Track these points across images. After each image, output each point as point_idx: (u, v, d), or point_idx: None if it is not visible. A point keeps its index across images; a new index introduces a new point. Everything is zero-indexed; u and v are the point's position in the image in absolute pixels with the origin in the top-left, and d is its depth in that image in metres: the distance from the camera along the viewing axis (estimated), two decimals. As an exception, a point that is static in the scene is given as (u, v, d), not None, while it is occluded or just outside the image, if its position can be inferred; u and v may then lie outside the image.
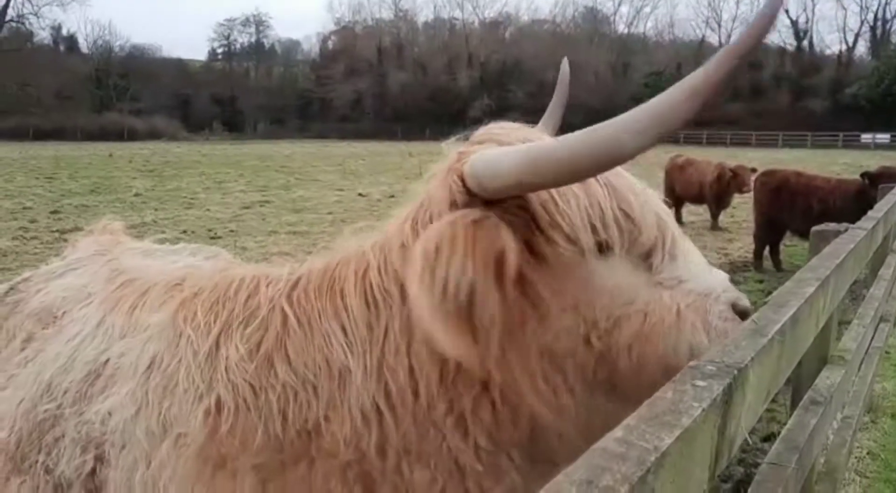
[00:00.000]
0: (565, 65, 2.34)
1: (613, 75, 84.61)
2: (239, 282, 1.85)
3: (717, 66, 1.12)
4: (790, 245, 12.51)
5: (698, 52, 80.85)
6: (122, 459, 1.77)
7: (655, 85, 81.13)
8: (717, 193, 15.45)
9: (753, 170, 14.27)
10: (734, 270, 11.74)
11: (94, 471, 1.84)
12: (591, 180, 1.44)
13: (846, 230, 3.09)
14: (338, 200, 19.97)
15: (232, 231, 14.28)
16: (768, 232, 11.67)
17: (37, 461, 1.97)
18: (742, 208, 16.60)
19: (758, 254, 11.82)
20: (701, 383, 1.01)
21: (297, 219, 16.19)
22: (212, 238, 13.02)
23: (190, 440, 1.62)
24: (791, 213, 11.20)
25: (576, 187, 1.43)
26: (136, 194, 20.56)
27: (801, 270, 2.04)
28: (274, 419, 1.57)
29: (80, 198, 19.31)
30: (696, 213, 16.93)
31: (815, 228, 3.39)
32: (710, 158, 17.77)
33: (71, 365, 1.99)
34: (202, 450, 1.61)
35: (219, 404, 1.62)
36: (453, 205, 1.43)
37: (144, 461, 1.71)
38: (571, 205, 1.42)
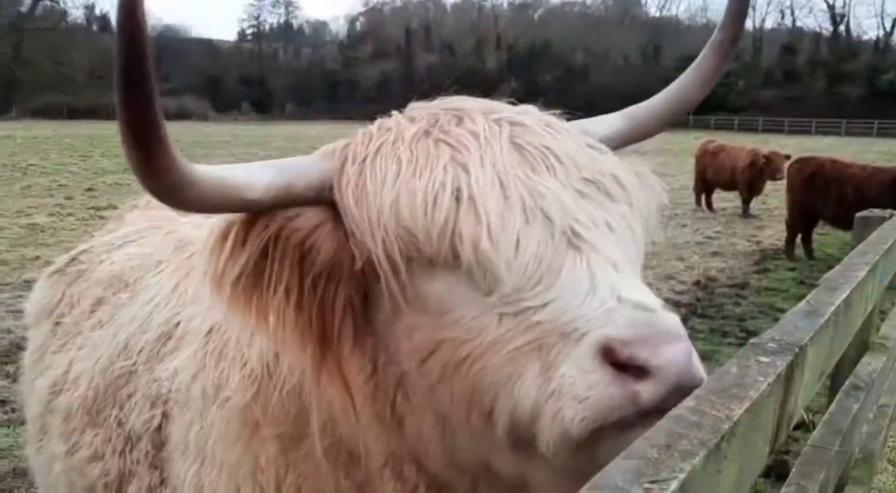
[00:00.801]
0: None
1: (644, 59, 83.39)
2: None
3: None
4: (822, 233, 12.37)
5: (731, 36, 79.28)
6: (182, 416, 1.85)
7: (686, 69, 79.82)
8: (750, 179, 15.27)
9: (787, 156, 14.09)
10: (765, 258, 11.65)
11: (160, 426, 1.93)
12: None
13: (891, 216, 3.07)
14: (366, 181, 20.04)
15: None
16: (801, 220, 11.55)
17: (111, 415, 2.09)
18: (774, 196, 16.42)
19: (790, 242, 11.70)
20: (764, 358, 1.03)
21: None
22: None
23: (233, 403, 1.68)
24: (825, 200, 11.06)
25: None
26: (168, 173, 20.80)
27: (850, 255, 2.04)
28: (283, 391, 1.59)
29: (114, 176, 19.60)
30: (727, 199, 16.77)
31: (859, 215, 3.37)
32: (743, 144, 17.55)
33: (147, 326, 2.11)
34: (242, 414, 1.66)
35: (252, 374, 1.66)
36: None
37: (199, 420, 1.78)
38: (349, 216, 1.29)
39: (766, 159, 14.77)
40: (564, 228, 1.16)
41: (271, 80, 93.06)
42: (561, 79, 78.80)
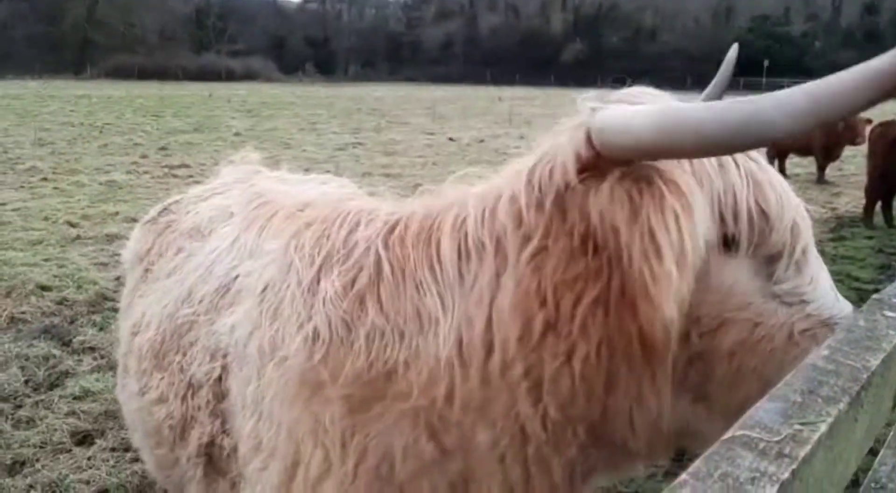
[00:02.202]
0: (733, 51, 2.10)
1: (714, 21, 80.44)
2: (343, 217, 1.90)
3: None
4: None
5: (810, -5, 75.70)
6: (240, 372, 1.90)
7: (760, 30, 76.86)
8: (826, 144, 14.66)
9: (868, 121, 13.43)
10: (841, 225, 11.26)
11: (220, 378, 1.99)
12: (731, 166, 1.32)
13: None
14: (428, 143, 20.07)
15: (328, 171, 14.59)
16: (882, 186, 11.07)
17: (174, 361, 2.16)
18: (850, 161, 15.77)
19: (869, 209, 11.25)
20: (890, 313, 1.01)
21: (389, 161, 16.41)
22: (310, 178, 13.35)
23: (292, 363, 1.71)
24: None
25: (710, 169, 1.31)
26: (236, 134, 21.24)
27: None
28: (360, 355, 1.60)
29: (185, 136, 20.12)
30: (801, 165, 16.19)
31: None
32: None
33: (208, 276, 2.16)
34: (301, 374, 1.68)
35: (315, 334, 1.68)
36: (579, 160, 1.33)
37: (256, 377, 1.82)
38: (704, 185, 1.30)
39: (846, 123, 14.13)
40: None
41: (335, 42, 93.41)
42: (628, 40, 76.70)
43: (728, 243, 1.31)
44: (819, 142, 14.72)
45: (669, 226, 1.20)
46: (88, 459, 4.10)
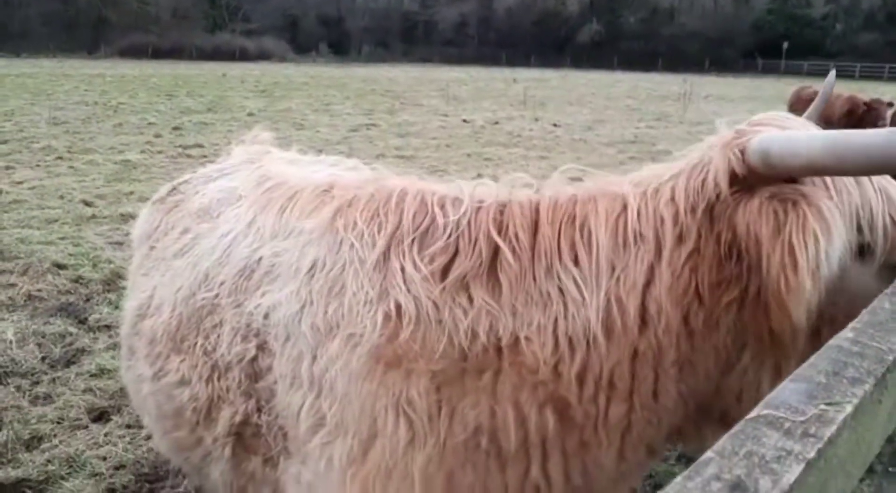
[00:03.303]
0: (832, 76, 2.45)
1: (734, 2, 79.39)
2: (399, 195, 1.93)
3: None
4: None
5: (830, -24, 74.43)
6: (287, 350, 1.92)
7: (780, 12, 75.81)
8: (848, 128, 14.46)
9: (890, 104, 13.27)
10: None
11: (255, 358, 2.01)
12: (866, 182, 1.48)
13: None
14: (442, 125, 19.99)
15: (341, 153, 14.59)
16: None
17: (196, 343, 2.18)
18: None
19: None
20: (916, 296, 1.00)
21: (402, 143, 16.36)
22: (323, 158, 13.36)
23: (363, 339, 1.75)
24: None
25: (850, 185, 1.46)
26: (250, 114, 21.23)
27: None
28: (460, 333, 1.68)
29: (199, 116, 20.13)
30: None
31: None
32: (840, 91, 16.62)
33: (226, 259, 2.17)
34: (376, 350, 1.73)
35: (399, 312, 1.73)
36: (732, 176, 1.49)
37: (310, 354, 1.86)
38: (844, 199, 1.45)
39: (868, 107, 13.92)
40: None
41: (349, 21, 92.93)
42: (646, 21, 75.89)
43: (863, 252, 1.47)
44: (840, 126, 14.53)
45: (809, 244, 1.36)
46: (105, 435, 4.16)
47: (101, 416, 4.40)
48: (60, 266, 6.91)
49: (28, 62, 48.60)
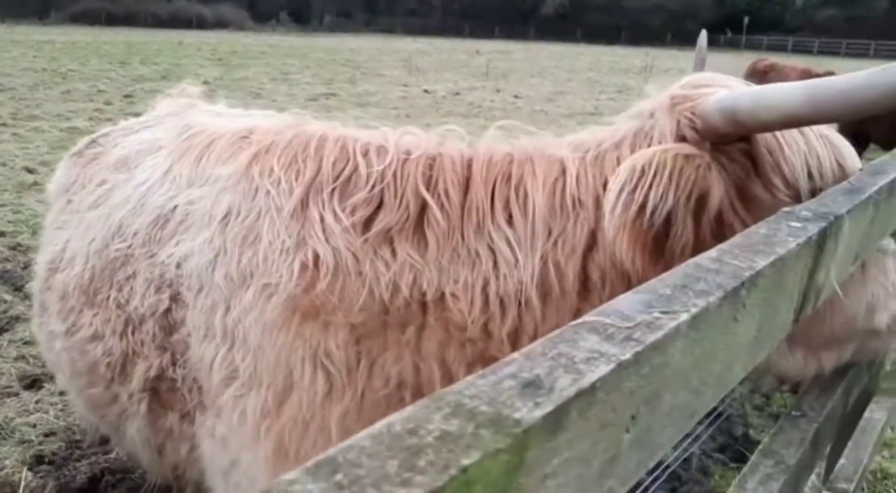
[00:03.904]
0: (703, 38, 2.51)
1: (697, -25, 79.59)
2: (319, 141, 1.86)
3: None
4: (870, 159, 11.89)
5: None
6: (200, 301, 1.86)
7: (742, -14, 76.16)
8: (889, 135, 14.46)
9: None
10: None
11: (169, 310, 1.95)
12: (809, 132, 1.55)
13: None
14: (403, 95, 19.77)
15: (298, 121, 14.36)
16: (851, 143, 11.07)
17: (109, 297, 2.11)
18: None
19: (837, 165, 11.30)
20: (796, 224, 0.97)
21: (362, 113, 16.06)
22: (278, 127, 13.14)
23: (279, 289, 1.69)
24: (877, 125, 10.60)
25: (797, 137, 1.53)
26: (205, 82, 20.67)
27: (899, 150, 1.93)
28: (381, 286, 1.63)
29: (152, 84, 19.57)
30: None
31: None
32: (796, 64, 16.79)
33: (140, 209, 2.09)
34: (292, 300, 1.68)
35: (317, 262, 1.67)
36: (680, 139, 1.50)
37: (223, 305, 1.80)
38: (794, 150, 1.52)
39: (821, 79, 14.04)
40: None
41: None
42: (609, -6, 75.61)
43: (815, 196, 1.46)
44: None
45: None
46: (36, 402, 4.05)
47: (32, 383, 4.29)
48: (-1, 233, 6.70)
49: (-26, 28, 46.82)
